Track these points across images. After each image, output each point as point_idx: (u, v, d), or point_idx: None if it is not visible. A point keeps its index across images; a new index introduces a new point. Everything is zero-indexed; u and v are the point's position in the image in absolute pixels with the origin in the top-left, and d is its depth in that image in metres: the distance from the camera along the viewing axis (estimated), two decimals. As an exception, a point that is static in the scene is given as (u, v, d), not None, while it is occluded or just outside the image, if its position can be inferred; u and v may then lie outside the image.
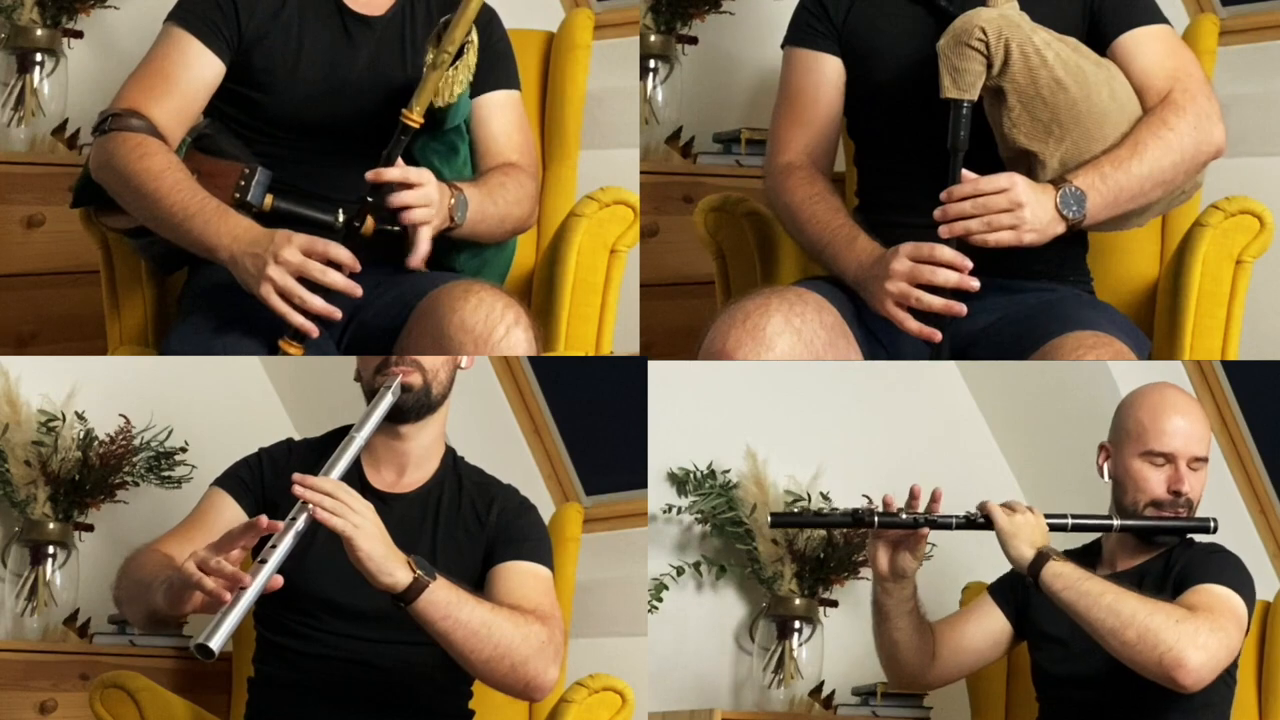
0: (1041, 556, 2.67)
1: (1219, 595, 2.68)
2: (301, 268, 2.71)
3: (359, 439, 2.63)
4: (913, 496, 2.75)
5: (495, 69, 3.03)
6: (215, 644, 2.34)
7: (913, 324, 2.76)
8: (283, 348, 2.76)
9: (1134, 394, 2.86)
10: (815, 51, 3.02)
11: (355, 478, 2.71)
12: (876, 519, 2.75)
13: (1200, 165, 2.89)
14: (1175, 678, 2.57)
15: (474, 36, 2.90)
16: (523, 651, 2.58)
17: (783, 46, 3.08)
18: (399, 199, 2.78)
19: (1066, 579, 2.65)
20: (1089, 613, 2.62)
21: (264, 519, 2.46)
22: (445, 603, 2.53)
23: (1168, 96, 2.86)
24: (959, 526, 2.74)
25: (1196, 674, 2.58)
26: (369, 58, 2.98)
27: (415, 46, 2.98)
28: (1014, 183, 2.75)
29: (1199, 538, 2.81)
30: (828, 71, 3.02)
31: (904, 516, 2.75)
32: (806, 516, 3.28)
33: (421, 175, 2.81)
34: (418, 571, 2.51)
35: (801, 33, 3.05)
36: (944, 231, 2.75)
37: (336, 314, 2.74)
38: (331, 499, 2.49)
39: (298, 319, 2.72)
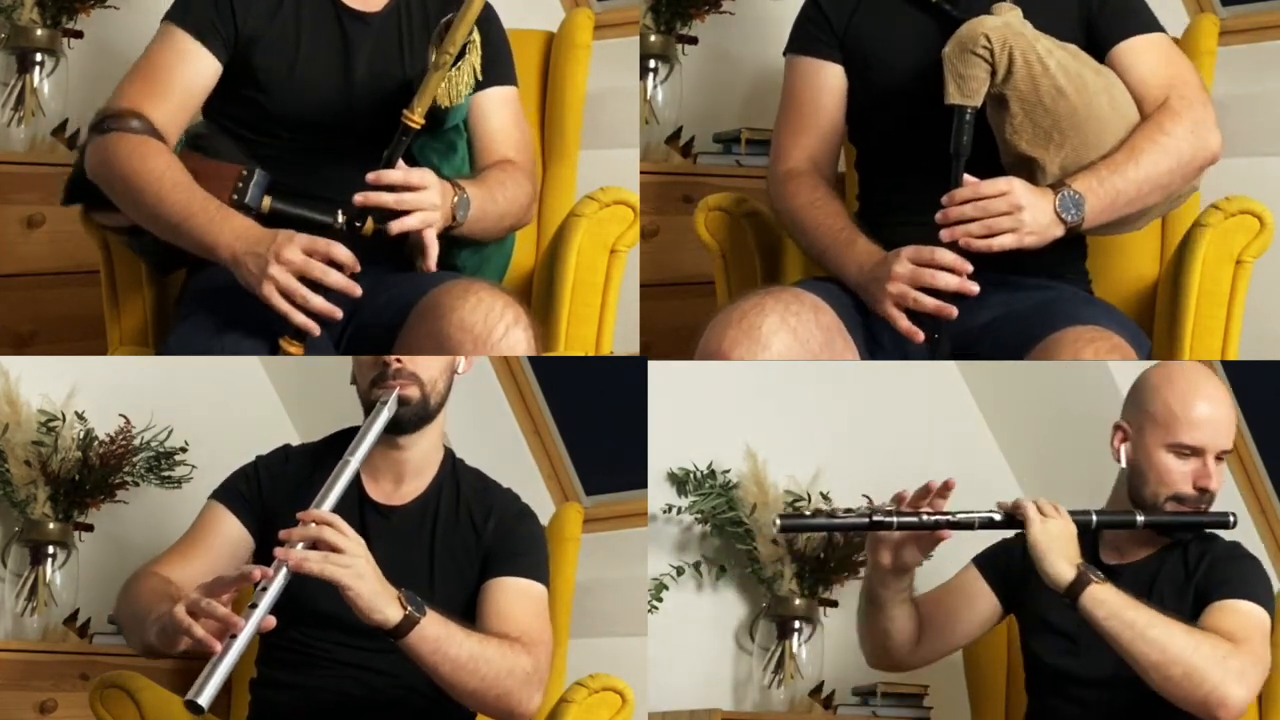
0: (1081, 578, 2.57)
1: (1253, 619, 2.62)
2: (303, 267, 2.71)
3: (353, 462, 2.61)
4: (927, 492, 2.65)
5: (493, 66, 3.02)
6: (204, 699, 2.35)
7: (904, 322, 2.79)
8: (283, 347, 2.76)
9: (1159, 373, 2.77)
10: (817, 59, 3.05)
11: (353, 489, 2.70)
12: (896, 521, 2.63)
13: (1196, 171, 2.91)
14: (1218, 716, 2.53)
15: (475, 36, 2.90)
16: (507, 684, 2.60)
17: (785, 54, 3.10)
18: (403, 203, 2.78)
19: (1110, 607, 2.56)
20: (1133, 645, 2.55)
21: (257, 571, 2.44)
22: (435, 638, 2.53)
23: (1165, 103, 2.89)
24: (982, 526, 2.64)
25: (1238, 711, 2.53)
26: (367, 56, 2.98)
27: (413, 43, 2.97)
28: (1013, 186, 2.78)
29: (1217, 533, 2.74)
30: (829, 79, 3.04)
31: (924, 518, 2.62)
32: (819, 520, 2.88)
33: (424, 177, 2.80)
34: (408, 608, 2.50)
35: (803, 41, 3.07)
36: (945, 235, 2.78)
37: (337, 313, 2.74)
38: (324, 540, 2.47)
39: (299, 318, 2.72)
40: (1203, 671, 2.53)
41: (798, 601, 3.54)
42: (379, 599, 2.49)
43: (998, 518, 2.64)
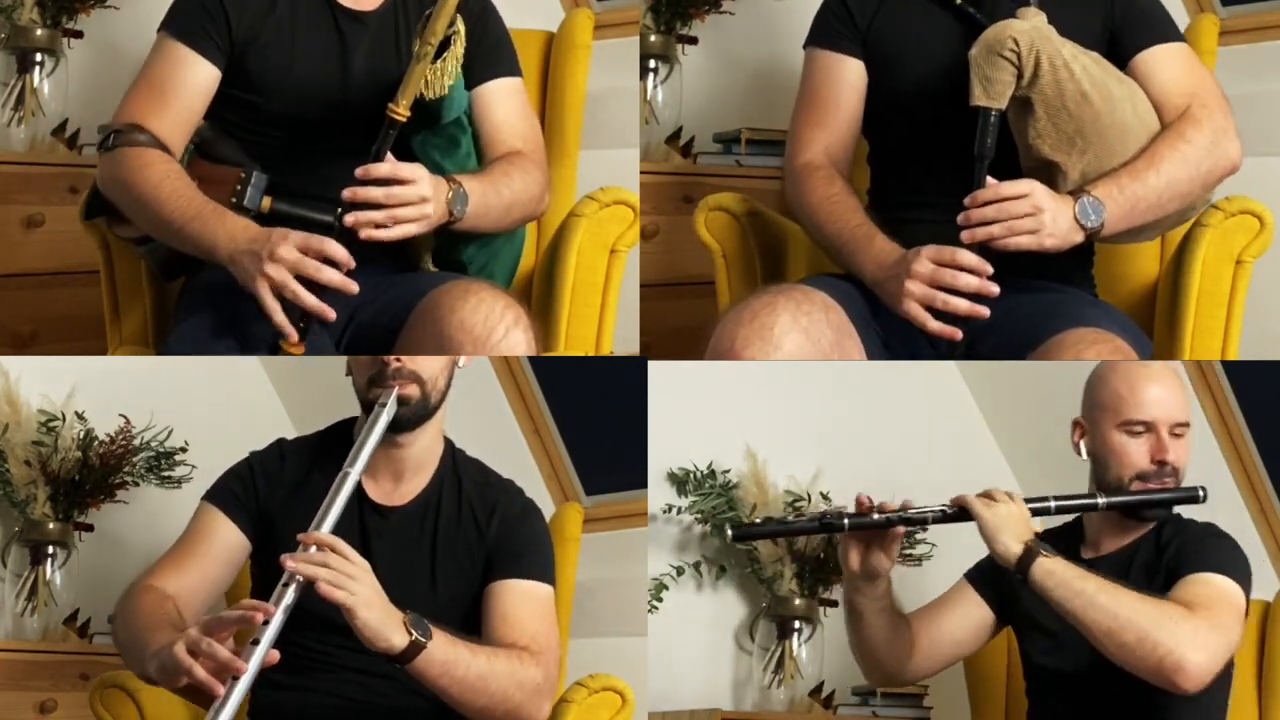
0: (1030, 553, 2.59)
1: (1218, 587, 2.61)
2: (297, 265, 2.71)
3: (353, 475, 2.56)
4: (881, 509, 2.68)
5: (493, 58, 3.02)
6: None
7: (934, 324, 2.78)
8: (284, 347, 2.76)
9: (1105, 367, 2.79)
10: (837, 54, 3.04)
11: (353, 490, 2.69)
12: (846, 521, 2.66)
13: (1216, 180, 2.93)
14: (1176, 681, 2.51)
15: (460, 27, 2.88)
16: (517, 698, 2.60)
17: (805, 47, 3.09)
18: (392, 196, 2.77)
19: (1058, 577, 2.57)
20: (1084, 613, 2.55)
21: (259, 615, 2.41)
22: (442, 661, 2.52)
23: (1186, 112, 2.90)
24: (935, 521, 2.67)
25: (1198, 676, 2.52)
26: (363, 54, 2.98)
27: (409, 41, 2.97)
28: (1034, 188, 2.79)
29: (1191, 514, 2.75)
30: (849, 74, 3.04)
31: (875, 516, 2.66)
32: (770, 526, 3.02)
33: (413, 171, 2.79)
34: (414, 634, 2.49)
35: (825, 34, 3.06)
36: (966, 236, 2.78)
37: (330, 314, 2.73)
38: (328, 569, 2.46)
39: (280, 318, 2.70)
40: (1155, 636, 2.51)
41: (798, 601, 3.54)
42: (385, 626, 2.48)
43: (950, 511, 2.66)
